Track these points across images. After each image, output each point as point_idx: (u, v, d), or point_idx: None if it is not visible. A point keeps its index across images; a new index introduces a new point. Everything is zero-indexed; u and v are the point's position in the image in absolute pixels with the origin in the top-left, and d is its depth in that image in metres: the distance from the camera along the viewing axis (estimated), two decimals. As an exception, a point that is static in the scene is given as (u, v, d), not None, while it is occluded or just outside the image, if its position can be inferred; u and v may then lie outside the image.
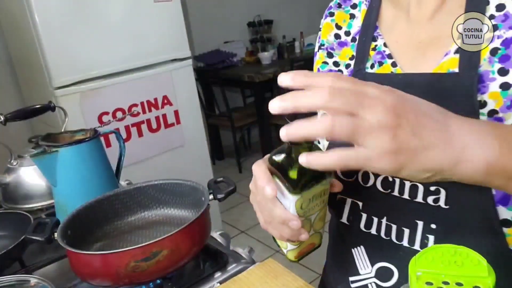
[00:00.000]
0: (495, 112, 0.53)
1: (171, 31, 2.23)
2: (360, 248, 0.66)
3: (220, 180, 0.87)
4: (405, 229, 0.59)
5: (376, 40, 0.67)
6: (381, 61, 0.65)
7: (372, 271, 0.64)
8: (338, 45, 0.73)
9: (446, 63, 0.57)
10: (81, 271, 0.71)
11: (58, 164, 0.91)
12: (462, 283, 0.38)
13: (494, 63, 0.54)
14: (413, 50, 0.62)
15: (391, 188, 0.60)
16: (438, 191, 0.56)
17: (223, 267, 0.79)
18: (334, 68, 0.73)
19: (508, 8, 0.54)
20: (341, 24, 0.73)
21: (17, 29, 2.13)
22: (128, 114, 2.11)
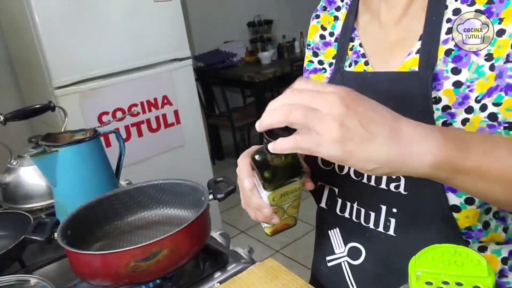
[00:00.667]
0: (448, 108, 0.58)
1: (171, 31, 2.23)
2: (335, 230, 0.73)
3: (220, 180, 0.87)
4: (371, 212, 0.66)
5: (353, 41, 0.73)
6: (356, 60, 0.71)
7: (345, 250, 0.72)
8: (323, 45, 0.79)
9: (408, 62, 0.62)
10: (81, 271, 0.71)
11: (58, 164, 0.91)
12: (462, 283, 0.38)
13: (448, 63, 0.59)
14: (383, 50, 0.68)
15: (361, 176, 0.67)
16: (399, 178, 0.62)
17: (223, 267, 0.80)
18: (318, 66, 0.80)
19: (463, 12, 0.58)
20: (326, 25, 0.79)
21: (17, 29, 2.13)
22: (128, 114, 2.11)
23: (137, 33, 2.11)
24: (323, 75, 0.79)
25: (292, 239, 2.66)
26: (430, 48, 0.60)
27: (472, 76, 0.57)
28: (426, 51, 0.60)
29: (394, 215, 0.63)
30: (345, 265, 0.71)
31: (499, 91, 0.55)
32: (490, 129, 0.55)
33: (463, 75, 0.58)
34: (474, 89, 0.57)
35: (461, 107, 0.58)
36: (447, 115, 0.58)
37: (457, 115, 0.58)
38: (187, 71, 2.33)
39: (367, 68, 0.69)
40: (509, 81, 0.55)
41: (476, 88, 0.57)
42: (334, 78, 0.74)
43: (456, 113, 0.58)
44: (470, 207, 0.58)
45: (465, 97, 0.57)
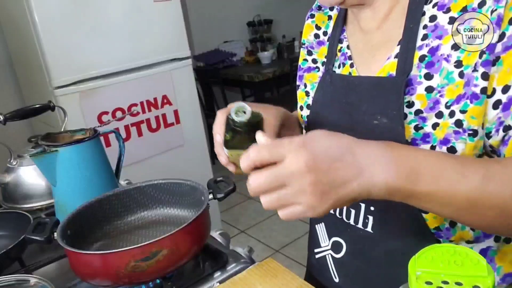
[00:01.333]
0: (420, 112, 0.61)
1: (171, 30, 2.23)
2: (321, 224, 0.79)
3: (219, 179, 0.87)
4: (351, 209, 0.71)
5: (342, 43, 0.75)
6: (344, 62, 0.74)
7: (329, 244, 0.77)
8: (317, 44, 0.81)
9: (387, 66, 0.64)
10: (80, 270, 0.71)
11: (58, 163, 0.91)
12: (461, 283, 0.38)
13: (421, 68, 0.61)
14: (367, 53, 0.70)
15: None
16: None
17: (222, 267, 0.80)
18: (312, 65, 0.82)
19: (438, 19, 0.60)
20: (320, 25, 0.81)
21: (17, 29, 2.13)
22: (127, 113, 2.11)
23: (137, 33, 2.11)
24: (316, 74, 0.80)
25: (292, 239, 2.66)
26: (407, 55, 0.62)
27: (443, 82, 0.59)
28: (403, 57, 0.62)
29: (372, 213, 0.68)
30: (329, 258, 0.77)
31: (466, 99, 0.57)
32: (455, 135, 0.58)
33: (435, 81, 0.59)
34: (444, 95, 0.59)
35: (432, 111, 0.60)
36: (419, 119, 0.61)
37: (428, 119, 0.60)
38: (187, 71, 2.33)
39: (352, 70, 0.71)
40: (474, 89, 0.56)
41: (446, 93, 0.59)
42: (324, 79, 0.76)
43: (427, 117, 0.60)
44: None
45: (436, 102, 0.59)
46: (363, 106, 0.66)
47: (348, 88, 0.70)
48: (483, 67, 0.55)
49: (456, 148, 0.59)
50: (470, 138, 0.58)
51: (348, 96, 0.69)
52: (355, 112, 0.67)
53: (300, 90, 0.84)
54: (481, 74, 0.56)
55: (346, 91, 0.70)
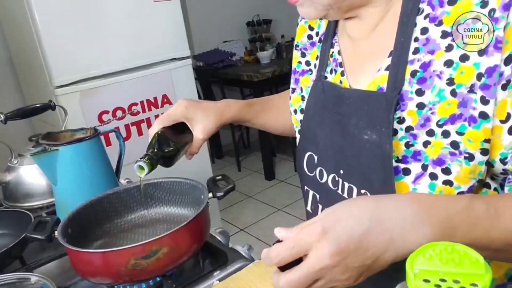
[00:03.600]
0: (411, 129, 0.59)
1: (171, 30, 2.23)
2: None
3: (219, 178, 0.87)
4: None
5: (333, 47, 0.72)
6: (335, 69, 0.71)
7: None
8: (310, 45, 0.79)
9: (377, 79, 0.62)
10: (81, 269, 0.72)
11: (59, 162, 0.91)
12: (459, 281, 0.38)
13: (413, 84, 0.58)
14: (355, 62, 0.68)
15: (337, 186, 0.69)
16: (366, 194, 0.64)
17: (222, 265, 0.80)
18: (306, 68, 0.80)
19: (430, 32, 0.57)
20: (313, 25, 0.79)
21: (17, 28, 2.13)
22: (128, 113, 2.11)
23: (137, 32, 2.11)
24: (309, 78, 0.79)
25: (291, 238, 2.66)
26: (398, 70, 0.59)
27: (434, 99, 0.57)
28: (394, 72, 0.59)
29: None
30: None
31: (463, 120, 0.55)
32: (451, 156, 0.56)
33: (426, 97, 0.57)
34: (436, 112, 0.57)
35: (422, 128, 0.58)
36: (410, 136, 0.59)
37: (419, 136, 0.58)
38: (186, 71, 2.33)
39: (343, 79, 0.69)
40: (472, 112, 0.54)
41: (438, 111, 0.57)
42: (316, 86, 0.73)
43: (418, 135, 0.58)
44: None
45: (427, 119, 0.58)
46: (352, 119, 0.64)
47: (339, 98, 0.67)
48: (481, 90, 0.53)
49: (451, 169, 0.57)
50: (466, 162, 0.56)
51: (339, 107, 0.67)
52: (346, 124, 0.66)
53: (296, 94, 0.83)
54: (480, 98, 0.53)
55: (337, 101, 0.68)
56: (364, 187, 0.64)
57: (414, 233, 0.47)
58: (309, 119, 0.75)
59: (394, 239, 0.46)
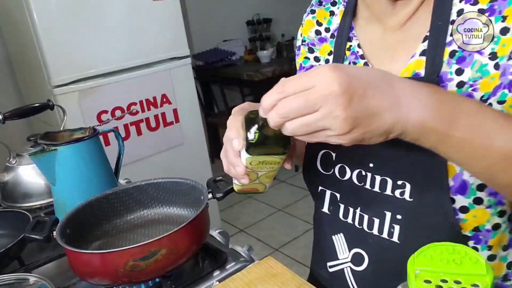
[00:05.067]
0: None
1: (170, 29, 2.22)
2: (340, 235, 0.72)
3: (219, 179, 0.87)
4: (375, 219, 0.66)
5: (351, 41, 0.71)
6: (354, 61, 0.70)
7: (349, 256, 0.71)
8: (319, 41, 0.78)
9: (412, 65, 0.62)
10: (79, 269, 0.71)
11: (57, 162, 0.91)
12: (460, 281, 0.38)
13: (452, 64, 0.58)
14: (383, 52, 0.67)
15: (364, 182, 0.67)
16: (404, 185, 0.62)
17: (222, 266, 0.80)
18: (315, 63, 0.78)
19: (466, 12, 0.58)
20: (321, 21, 0.77)
21: (15, 27, 2.12)
22: (127, 112, 2.11)
23: (136, 31, 2.10)
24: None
25: (291, 237, 2.66)
26: (436, 53, 0.59)
27: (475, 75, 0.56)
28: (432, 56, 0.59)
29: (398, 222, 0.63)
30: (348, 271, 0.71)
31: (502, 88, 0.55)
32: None
33: (466, 75, 0.57)
34: (478, 88, 0.56)
35: None
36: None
37: None
38: (186, 70, 2.33)
39: None
40: (510, 78, 0.54)
41: (480, 87, 0.56)
42: None
43: None
44: (479, 207, 0.59)
45: (468, 95, 0.57)
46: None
47: None
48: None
49: None
50: None
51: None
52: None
53: None
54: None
55: None
56: (402, 177, 0.62)
57: (420, 106, 0.46)
58: None
59: (401, 105, 0.46)
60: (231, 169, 0.60)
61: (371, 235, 0.66)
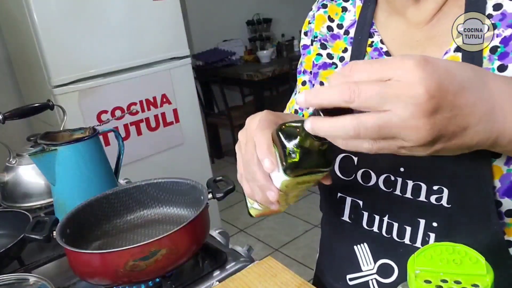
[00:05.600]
0: None
1: (170, 29, 2.22)
2: (363, 245, 0.66)
3: (219, 179, 0.87)
4: (407, 227, 0.60)
5: (372, 37, 0.66)
6: (378, 58, 0.64)
7: (375, 267, 0.65)
8: (331, 37, 0.73)
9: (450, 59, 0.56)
10: (79, 269, 0.71)
11: (57, 162, 0.91)
12: (460, 281, 0.38)
13: (494, 60, 0.54)
14: (411, 49, 0.62)
15: (393, 187, 0.61)
16: (441, 190, 0.57)
17: (222, 266, 0.80)
18: (328, 61, 0.73)
19: (505, 7, 0.54)
20: (333, 17, 0.73)
21: (15, 27, 2.12)
22: (127, 112, 2.11)
23: (136, 31, 2.11)
24: (334, 71, 0.71)
25: (291, 237, 2.66)
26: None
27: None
28: (469, 51, 0.54)
29: (434, 230, 0.58)
30: (374, 284, 0.65)
31: None
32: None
33: (509, 71, 0.53)
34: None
35: None
36: None
37: None
38: (186, 70, 2.33)
39: None
40: None
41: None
42: None
43: None
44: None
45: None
46: None
47: None
48: None
49: None
50: None
51: None
52: None
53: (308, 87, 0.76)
54: None
55: None
56: (438, 182, 0.57)
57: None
58: None
59: (495, 110, 0.38)
60: (257, 194, 0.52)
61: (402, 244, 0.61)
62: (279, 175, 0.47)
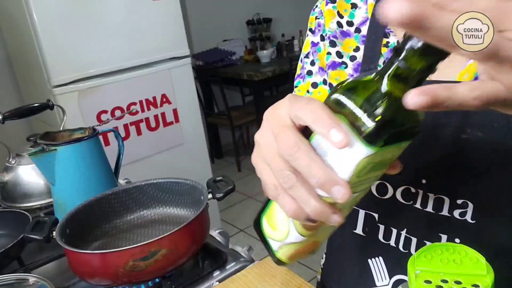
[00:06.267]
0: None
1: (170, 29, 2.22)
2: (378, 259, 0.63)
3: (219, 179, 0.87)
4: (426, 242, 0.57)
5: (388, 37, 0.61)
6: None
7: (390, 283, 0.62)
8: (341, 34, 0.68)
9: (473, 66, 0.51)
10: (79, 270, 0.71)
11: (57, 162, 0.91)
12: (460, 281, 0.38)
13: None
14: None
15: (413, 200, 0.58)
16: (466, 204, 0.53)
17: (222, 266, 0.80)
18: (337, 60, 0.67)
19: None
20: (342, 13, 0.68)
21: (15, 27, 2.12)
22: (126, 112, 2.11)
23: (136, 31, 2.10)
24: (344, 72, 0.67)
25: (291, 237, 2.66)
26: None
27: None
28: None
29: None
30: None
31: None
32: None
33: None
34: None
35: None
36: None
37: None
38: (186, 70, 2.33)
39: None
40: None
41: None
42: None
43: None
44: None
45: None
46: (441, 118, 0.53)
47: None
48: None
49: None
50: None
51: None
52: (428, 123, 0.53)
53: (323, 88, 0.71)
54: None
55: None
56: (463, 196, 0.54)
57: None
58: None
59: None
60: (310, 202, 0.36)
61: None
62: (353, 154, 0.33)
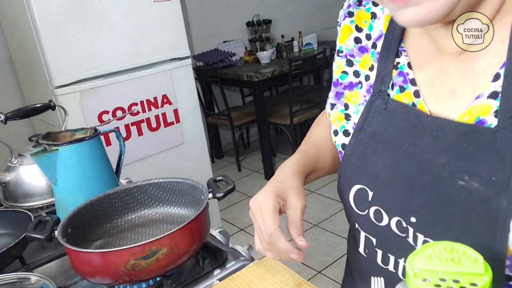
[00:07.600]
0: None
1: (171, 30, 2.23)
2: (380, 279, 0.63)
3: (219, 179, 0.87)
4: None
5: (399, 56, 0.58)
6: (402, 86, 0.57)
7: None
8: (359, 51, 0.64)
9: (476, 109, 0.48)
10: (81, 269, 0.72)
11: (59, 162, 0.91)
12: (459, 280, 0.38)
13: None
14: (440, 84, 0.54)
15: (406, 234, 0.56)
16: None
17: (222, 265, 0.80)
18: (354, 80, 0.64)
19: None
20: (361, 25, 0.63)
21: (17, 28, 2.13)
22: (128, 113, 2.11)
23: (137, 32, 2.11)
24: (359, 92, 0.63)
25: (291, 238, 2.66)
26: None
27: None
28: (509, 101, 0.45)
29: None
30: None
31: None
32: None
33: None
34: None
35: None
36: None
37: None
38: (186, 70, 2.33)
39: (417, 101, 0.54)
40: None
41: None
42: (373, 104, 0.59)
43: None
44: None
45: None
46: (440, 158, 0.50)
47: (417, 127, 0.53)
48: None
49: None
50: None
51: (417, 137, 0.53)
52: (427, 162, 0.51)
53: (337, 111, 0.67)
54: None
55: (414, 129, 0.53)
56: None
57: None
58: (359, 144, 0.61)
59: None
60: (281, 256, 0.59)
61: None
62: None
